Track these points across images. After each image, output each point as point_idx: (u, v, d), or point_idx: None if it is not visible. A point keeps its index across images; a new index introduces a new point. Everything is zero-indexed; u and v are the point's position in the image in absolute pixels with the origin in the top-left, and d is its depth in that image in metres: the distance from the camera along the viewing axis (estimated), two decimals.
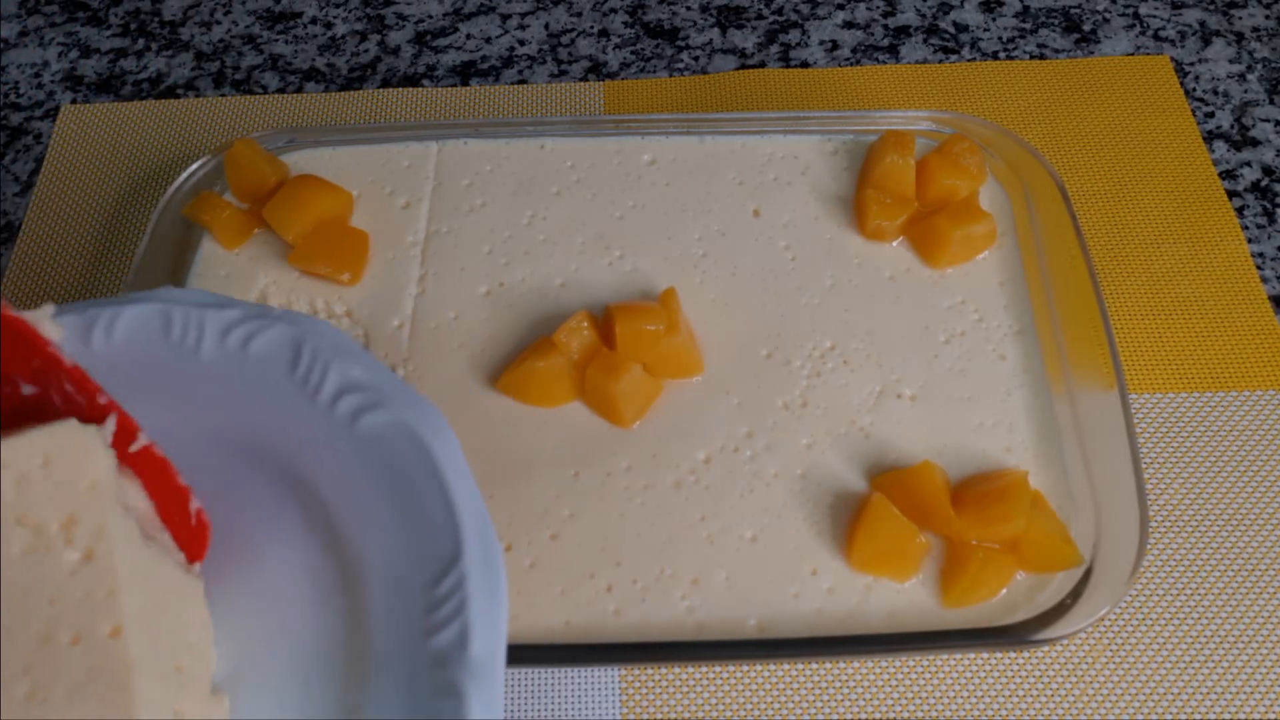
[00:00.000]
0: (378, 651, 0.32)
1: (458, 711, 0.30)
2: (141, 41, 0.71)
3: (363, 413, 0.34)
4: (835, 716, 0.45)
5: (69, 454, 0.28)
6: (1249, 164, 0.63)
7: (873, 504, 0.44)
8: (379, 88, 0.68)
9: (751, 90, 0.66)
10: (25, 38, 0.72)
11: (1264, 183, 0.62)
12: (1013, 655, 0.46)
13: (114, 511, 0.29)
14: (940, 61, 0.68)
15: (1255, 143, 0.64)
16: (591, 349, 0.49)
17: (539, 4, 0.72)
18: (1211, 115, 0.65)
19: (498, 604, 0.32)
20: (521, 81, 0.68)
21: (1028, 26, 0.70)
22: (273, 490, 0.35)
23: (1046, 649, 0.46)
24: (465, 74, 0.69)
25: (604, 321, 0.50)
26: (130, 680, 0.26)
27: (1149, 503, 0.48)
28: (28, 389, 0.29)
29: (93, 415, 0.29)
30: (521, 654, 0.41)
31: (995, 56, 0.69)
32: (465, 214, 0.56)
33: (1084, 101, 0.65)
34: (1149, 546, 0.48)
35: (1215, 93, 0.67)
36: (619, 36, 0.70)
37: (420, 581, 0.32)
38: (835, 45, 0.69)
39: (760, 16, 0.71)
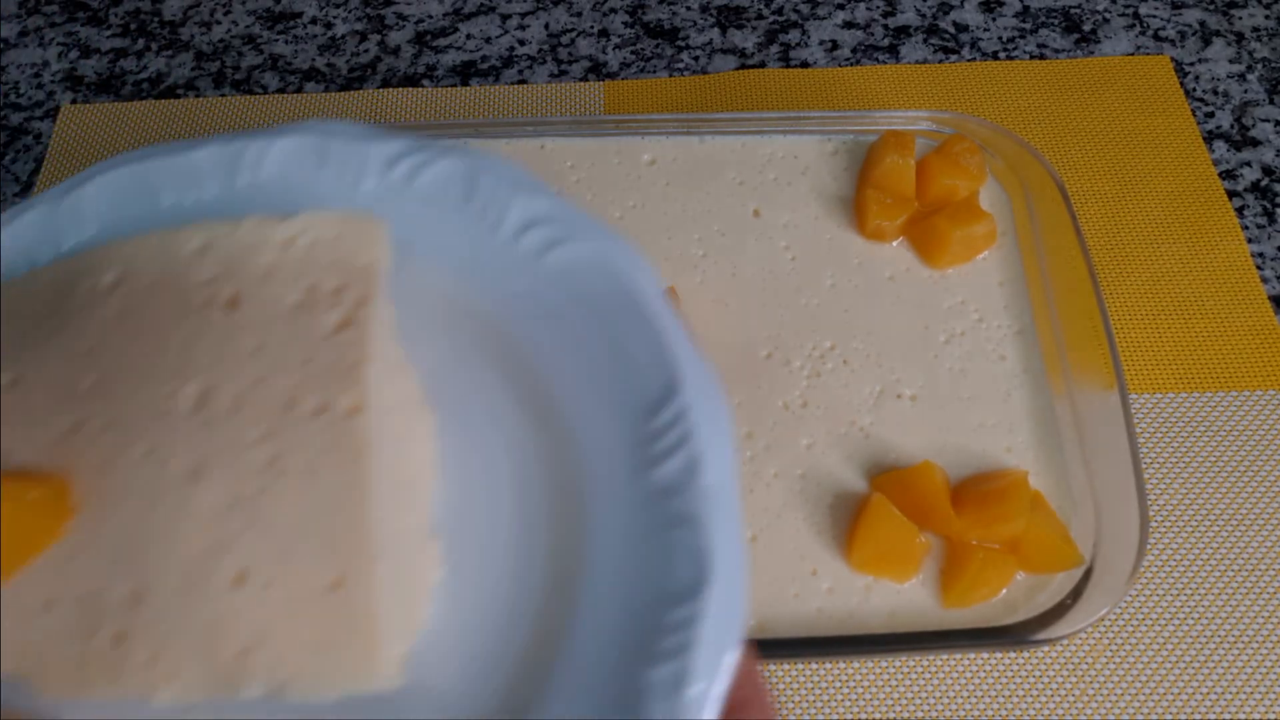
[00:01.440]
0: (590, 492, 0.28)
1: (696, 539, 0.26)
2: (141, 41, 0.71)
3: (552, 246, 0.30)
4: (835, 716, 0.45)
5: (358, 234, 0.27)
6: (1249, 164, 0.63)
7: (873, 504, 0.44)
8: (379, 88, 0.68)
9: (751, 90, 0.66)
10: (25, 38, 0.72)
11: (1264, 183, 0.62)
12: (1013, 655, 0.46)
13: (382, 295, 0.27)
14: (940, 61, 0.68)
15: (1255, 143, 0.64)
16: None
17: (539, 4, 0.72)
18: (1211, 115, 0.65)
19: (725, 435, 0.28)
20: (521, 81, 0.68)
21: (1028, 26, 0.70)
22: (455, 335, 0.31)
23: (1046, 649, 0.46)
24: (465, 74, 0.69)
25: None
26: (368, 461, 0.24)
27: (1149, 503, 0.48)
28: None
29: None
30: None
31: (995, 56, 0.69)
32: None
33: (1084, 101, 0.65)
34: (1149, 546, 0.48)
35: (1215, 93, 0.67)
36: (619, 36, 0.70)
37: (632, 416, 0.28)
38: (835, 45, 0.69)
39: (760, 16, 0.71)
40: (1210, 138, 0.64)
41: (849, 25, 0.71)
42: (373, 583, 0.23)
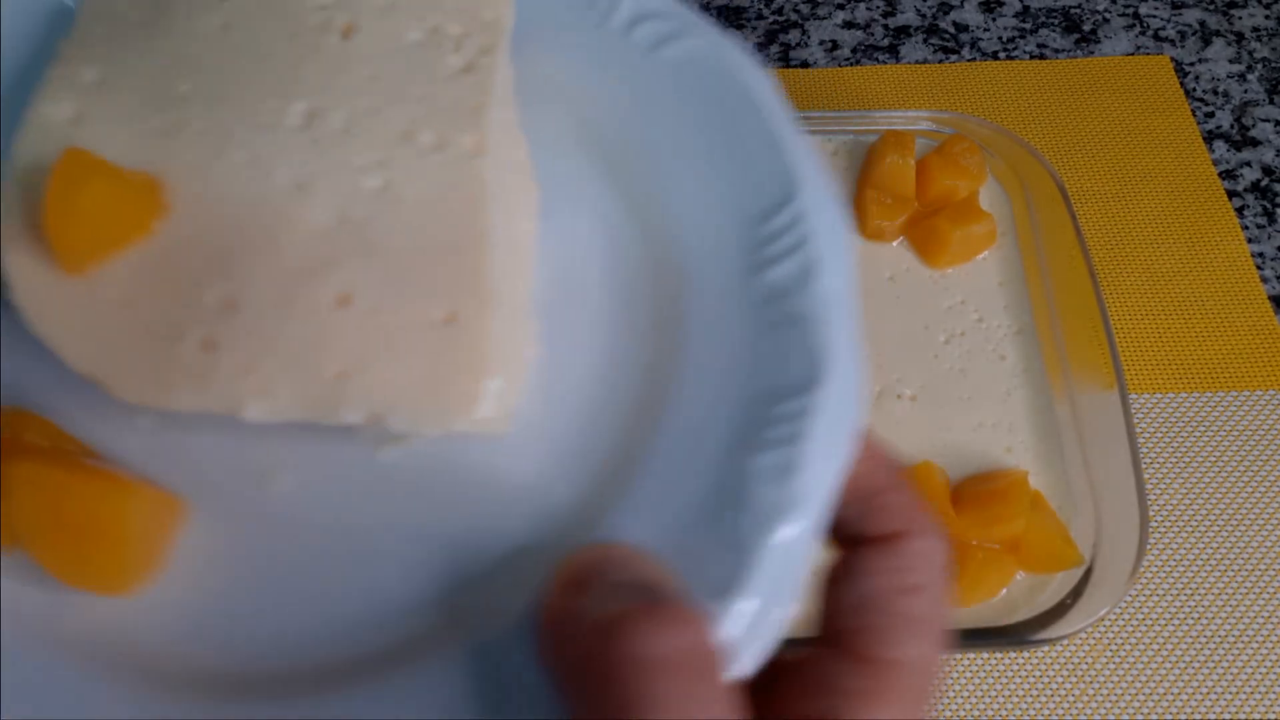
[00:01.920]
0: (696, 290, 0.26)
1: (811, 338, 0.24)
2: None
3: (665, 41, 0.28)
4: None
5: None
6: (1249, 164, 0.63)
7: None
8: None
9: None
10: None
11: (1264, 183, 0.62)
12: (1013, 655, 0.46)
13: (505, 50, 0.26)
14: (940, 61, 0.68)
15: (1255, 143, 0.64)
16: None
17: None
18: (1211, 115, 0.65)
19: (842, 242, 0.26)
20: None
21: (1028, 26, 0.70)
22: (565, 121, 0.29)
23: (1046, 649, 0.46)
24: None
25: None
26: (487, 204, 0.23)
27: (1149, 503, 0.48)
28: None
29: None
30: None
31: (995, 56, 0.69)
32: None
33: (1084, 101, 0.65)
34: (1149, 546, 0.48)
35: (1215, 93, 0.67)
36: None
37: (745, 218, 0.26)
38: (835, 45, 0.69)
39: (760, 16, 0.71)
40: (1210, 138, 0.64)
41: (849, 25, 0.71)
42: (486, 325, 0.22)
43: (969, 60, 0.68)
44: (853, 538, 0.23)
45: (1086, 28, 0.70)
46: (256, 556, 0.22)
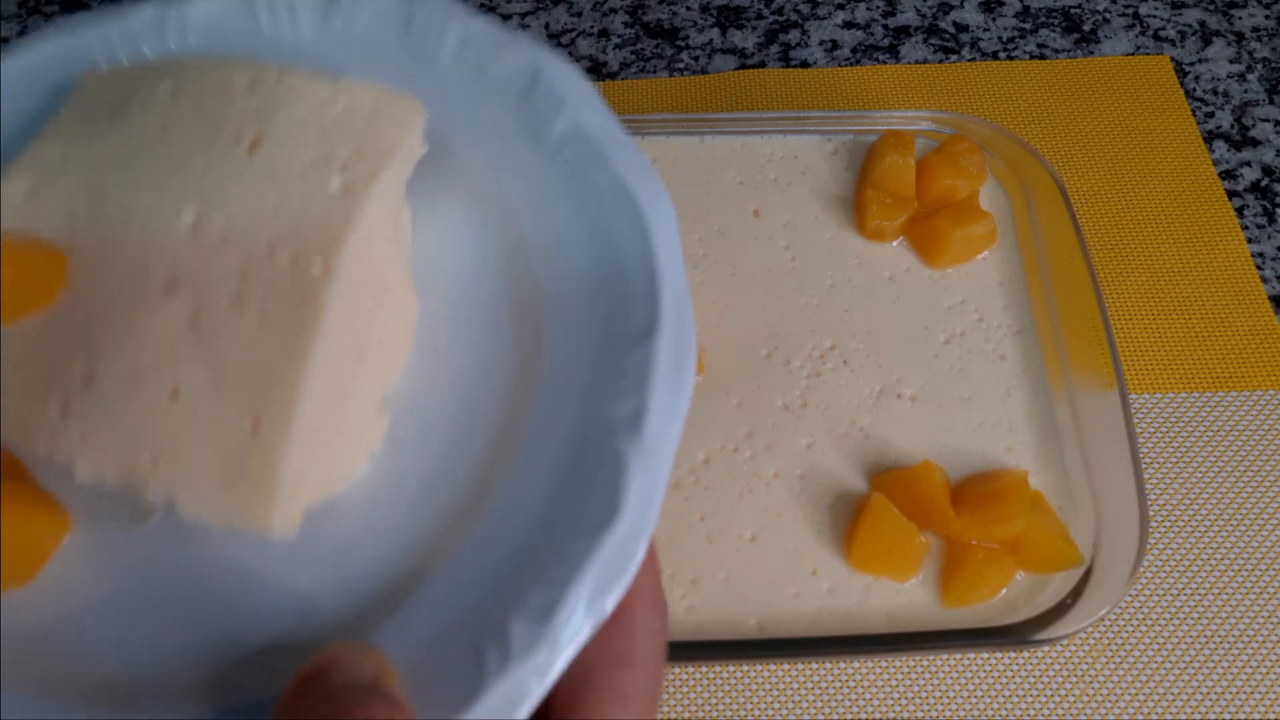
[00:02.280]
0: (545, 402, 0.29)
1: (616, 483, 0.27)
2: None
3: (588, 167, 0.31)
4: (835, 716, 0.45)
5: (392, 114, 0.29)
6: (1249, 164, 0.63)
7: (872, 504, 0.44)
8: None
9: (751, 90, 0.66)
10: (25, 37, 0.72)
11: (1264, 183, 0.62)
12: (1013, 655, 0.46)
13: (392, 176, 0.28)
14: (940, 61, 0.68)
15: (1255, 143, 0.64)
16: None
17: (539, 4, 0.72)
18: (1211, 115, 0.65)
19: (680, 397, 0.28)
20: None
21: (1028, 26, 0.70)
22: (470, 210, 0.32)
23: (1046, 649, 0.46)
24: None
25: None
26: (319, 324, 0.25)
27: (1149, 503, 0.48)
28: None
29: None
30: None
31: (995, 56, 0.69)
32: None
33: (1084, 101, 0.65)
34: (1149, 546, 0.48)
35: (1215, 93, 0.67)
36: (619, 36, 0.70)
37: (610, 347, 0.29)
38: (835, 45, 0.69)
39: (760, 16, 0.71)
40: (1210, 138, 0.64)
41: (849, 25, 0.71)
42: (286, 439, 0.24)
43: (969, 60, 0.68)
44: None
45: (1086, 28, 0.70)
46: (107, 580, 0.27)
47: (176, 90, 0.29)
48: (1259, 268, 0.58)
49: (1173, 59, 0.68)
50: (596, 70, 0.68)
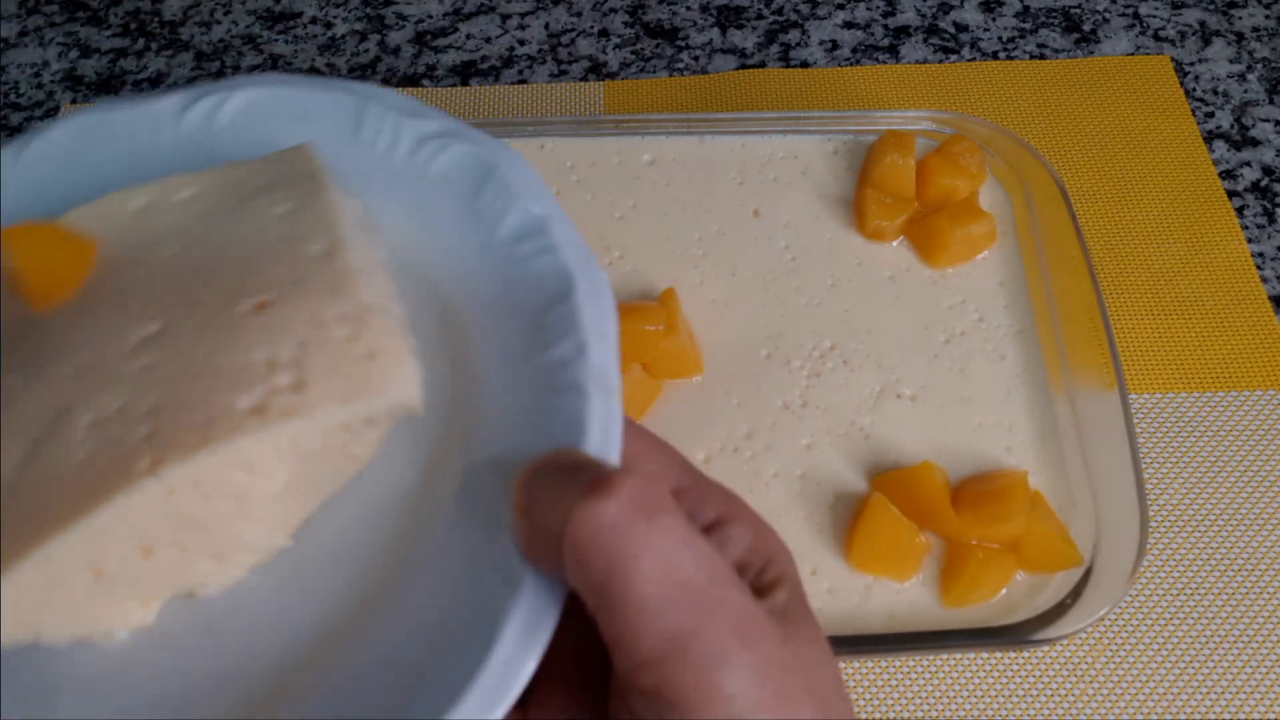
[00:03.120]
0: (486, 370, 0.30)
1: (579, 408, 0.28)
2: (141, 41, 0.71)
3: (533, 256, 0.32)
4: None
5: (294, 158, 0.32)
6: (1249, 164, 0.63)
7: (873, 504, 0.44)
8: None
9: (751, 90, 0.66)
10: (25, 38, 0.72)
11: (1264, 183, 0.62)
12: (1013, 655, 0.46)
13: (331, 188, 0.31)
14: (940, 61, 0.68)
15: (1255, 143, 0.64)
16: None
17: (539, 4, 0.72)
18: (1211, 115, 0.65)
19: (610, 327, 0.30)
20: (521, 81, 0.68)
21: (1028, 26, 0.70)
22: (413, 307, 0.33)
23: (1046, 649, 0.46)
24: (465, 74, 0.69)
25: None
26: (93, 505, 0.25)
27: (1149, 503, 0.48)
28: None
29: None
30: None
31: (995, 56, 0.69)
32: None
33: (1084, 101, 0.65)
34: (1149, 546, 0.48)
35: (1215, 93, 0.67)
36: (619, 36, 0.70)
37: (531, 312, 0.31)
38: (835, 45, 0.69)
39: (760, 16, 0.71)
40: (1210, 138, 0.64)
41: (849, 25, 0.71)
42: None
43: (969, 60, 0.68)
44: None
45: (1086, 28, 0.70)
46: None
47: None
48: (1259, 268, 0.58)
49: (1173, 59, 0.68)
50: (596, 70, 0.68)
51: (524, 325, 0.31)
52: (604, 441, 0.27)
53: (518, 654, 0.25)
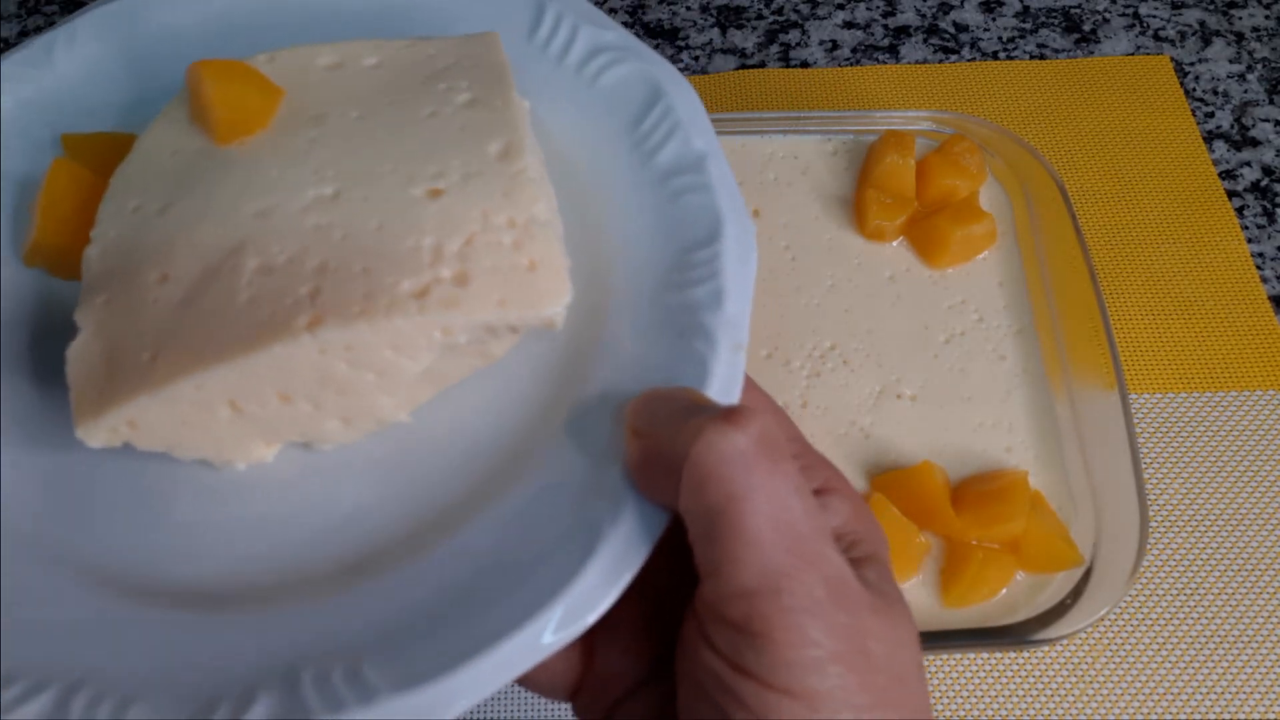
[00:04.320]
0: (618, 295, 0.31)
1: (706, 355, 0.28)
2: None
3: (686, 192, 0.33)
4: None
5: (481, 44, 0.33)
6: (1249, 164, 0.63)
7: (873, 504, 0.44)
8: None
9: (751, 90, 0.66)
10: (25, 38, 0.72)
11: (1264, 183, 0.62)
12: (1013, 655, 0.46)
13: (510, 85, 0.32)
14: (940, 61, 0.68)
15: (1255, 143, 0.64)
16: None
17: None
18: (1211, 115, 0.65)
19: (749, 280, 0.30)
20: None
21: (1028, 26, 0.70)
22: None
23: (1046, 649, 0.46)
24: None
25: None
26: (256, 347, 0.27)
27: (1149, 503, 0.48)
28: None
29: None
30: None
31: (995, 56, 0.69)
32: None
33: (1084, 101, 0.65)
34: (1149, 546, 0.48)
35: (1215, 93, 0.67)
36: None
37: (675, 249, 0.31)
38: (835, 45, 0.69)
39: (760, 16, 0.71)
40: (1210, 138, 0.64)
41: (849, 25, 0.71)
42: (140, 392, 0.28)
43: (969, 60, 0.68)
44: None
45: (1086, 28, 0.70)
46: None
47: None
48: (1259, 268, 0.58)
49: (1173, 59, 0.68)
50: None
51: (665, 259, 0.31)
52: (725, 393, 0.28)
53: (610, 573, 0.25)
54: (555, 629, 0.25)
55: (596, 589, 0.25)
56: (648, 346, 0.30)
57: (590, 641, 0.28)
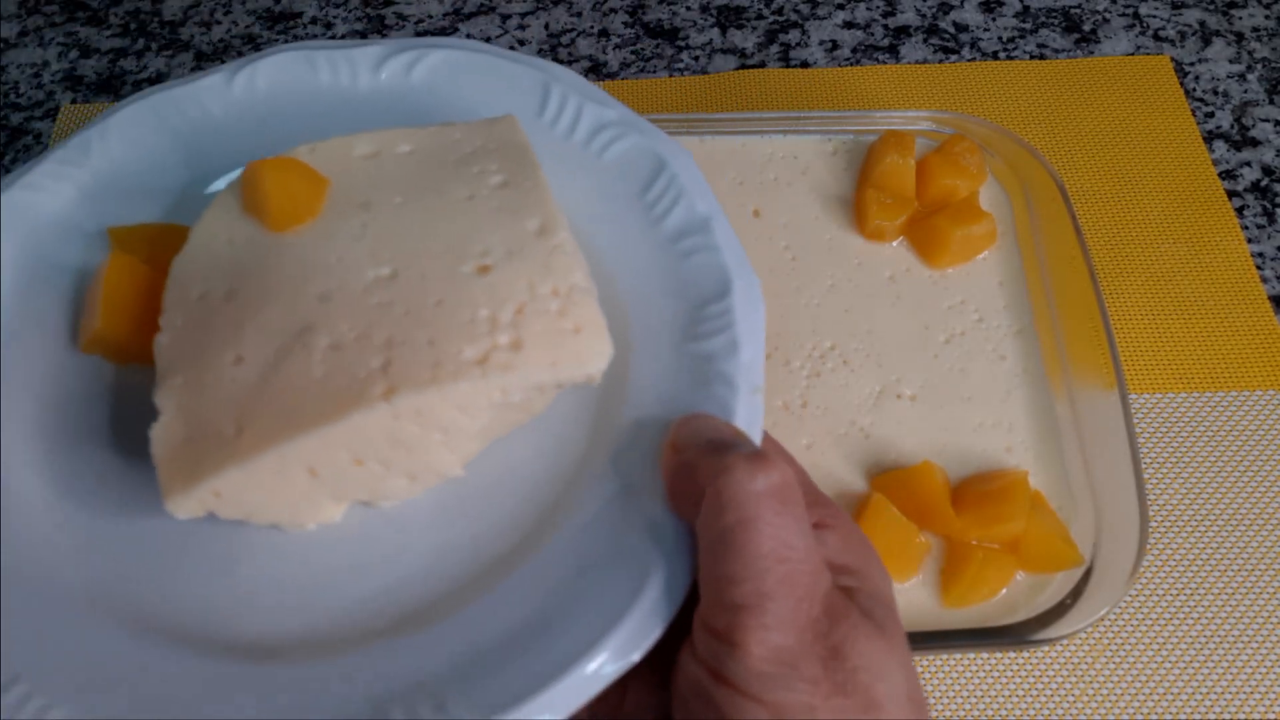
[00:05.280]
0: (639, 350, 0.34)
1: (728, 398, 0.32)
2: (141, 41, 0.71)
3: (695, 252, 0.36)
4: None
5: (504, 128, 0.36)
6: (1249, 164, 0.63)
7: (873, 504, 0.44)
8: None
9: (751, 90, 0.66)
10: (25, 38, 0.72)
11: (1264, 183, 0.62)
12: (1013, 655, 0.46)
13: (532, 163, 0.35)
14: (940, 61, 0.68)
15: (1255, 143, 0.64)
16: None
17: (539, 4, 0.72)
18: (1211, 115, 0.65)
19: (760, 329, 0.34)
20: None
21: (1028, 26, 0.70)
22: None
23: (1046, 649, 0.46)
24: None
25: None
26: (322, 423, 0.29)
27: (1149, 503, 0.48)
28: None
29: None
30: None
31: (995, 56, 0.69)
32: None
33: (1084, 101, 0.65)
34: (1149, 546, 0.48)
35: (1215, 93, 0.67)
36: (619, 36, 0.70)
37: (688, 304, 0.35)
38: (835, 45, 0.69)
39: (760, 16, 0.71)
40: (1210, 138, 0.64)
41: (849, 25, 0.71)
42: (225, 464, 0.29)
43: (969, 60, 0.68)
44: None
45: (1086, 28, 0.70)
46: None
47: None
48: (1259, 268, 0.58)
49: (1173, 59, 0.68)
50: (596, 70, 0.68)
51: (679, 315, 0.34)
52: (748, 432, 0.31)
53: (657, 604, 0.28)
54: (612, 656, 0.28)
55: (647, 620, 0.28)
56: (673, 392, 0.33)
57: (624, 676, 0.30)
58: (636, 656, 0.28)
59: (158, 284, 0.34)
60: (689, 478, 0.28)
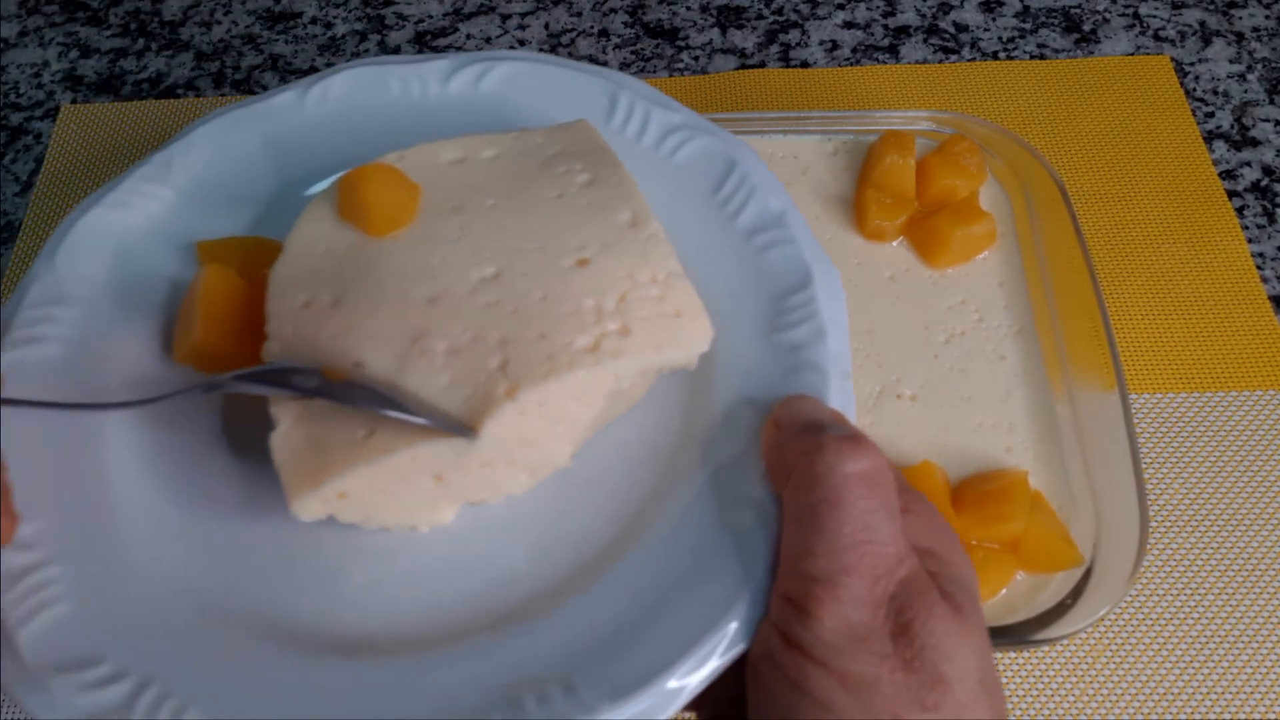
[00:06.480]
0: (726, 342, 0.34)
1: (820, 386, 0.33)
2: (141, 41, 0.71)
3: (772, 246, 0.37)
4: None
5: (583, 132, 0.37)
6: (1249, 164, 0.63)
7: None
8: None
9: (751, 90, 0.66)
10: (25, 38, 0.72)
11: (1264, 183, 0.62)
12: (1013, 655, 0.46)
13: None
14: (940, 61, 0.68)
15: (1255, 143, 0.64)
16: None
17: (539, 4, 0.72)
18: (1211, 115, 0.65)
19: (843, 317, 0.35)
20: None
21: (1028, 26, 0.70)
22: None
23: (1046, 649, 0.46)
24: None
25: None
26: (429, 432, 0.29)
27: (1149, 503, 0.48)
28: None
29: None
30: None
31: (995, 56, 0.69)
32: None
33: (1084, 101, 0.65)
34: (1149, 546, 0.47)
35: (1215, 93, 0.67)
36: (619, 36, 0.70)
37: (770, 296, 0.36)
38: (835, 45, 0.69)
39: (760, 16, 0.71)
40: (1210, 138, 0.64)
41: (849, 25, 0.71)
42: (338, 468, 0.30)
43: (969, 60, 0.68)
44: None
45: (1086, 28, 0.70)
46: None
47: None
48: (1259, 268, 0.58)
49: (1173, 59, 0.68)
50: None
51: (762, 306, 0.35)
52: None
53: (764, 585, 0.29)
54: (731, 639, 0.28)
55: (757, 600, 0.29)
56: (762, 382, 0.33)
57: None
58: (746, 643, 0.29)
59: (250, 294, 0.34)
60: (783, 451, 0.30)
